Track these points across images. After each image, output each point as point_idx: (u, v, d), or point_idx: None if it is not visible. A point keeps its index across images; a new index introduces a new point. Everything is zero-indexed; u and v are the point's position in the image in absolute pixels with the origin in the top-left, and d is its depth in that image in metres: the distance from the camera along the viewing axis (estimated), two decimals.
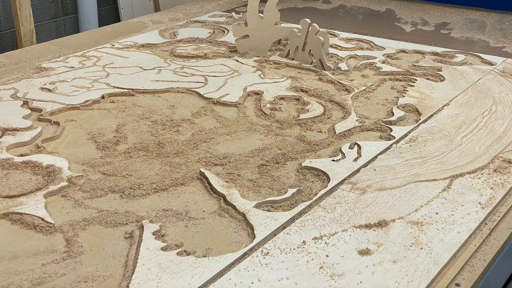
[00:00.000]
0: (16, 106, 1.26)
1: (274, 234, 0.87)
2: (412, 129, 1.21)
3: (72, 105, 1.28)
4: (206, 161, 1.07)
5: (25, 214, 0.90)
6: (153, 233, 0.86)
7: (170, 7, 2.26)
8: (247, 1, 1.58)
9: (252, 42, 1.61)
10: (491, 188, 1.00)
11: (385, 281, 0.78)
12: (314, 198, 0.96)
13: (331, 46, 1.69)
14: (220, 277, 0.78)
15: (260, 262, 0.81)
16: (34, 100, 1.29)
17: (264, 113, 1.27)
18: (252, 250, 0.84)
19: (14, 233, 0.87)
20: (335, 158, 1.09)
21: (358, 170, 1.05)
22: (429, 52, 1.67)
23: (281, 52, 1.62)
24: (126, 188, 0.98)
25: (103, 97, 1.33)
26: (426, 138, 1.17)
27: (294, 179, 1.02)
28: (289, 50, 1.59)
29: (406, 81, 1.46)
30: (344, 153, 1.10)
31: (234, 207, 0.93)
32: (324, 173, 1.03)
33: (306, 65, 1.54)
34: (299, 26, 1.55)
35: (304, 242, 0.85)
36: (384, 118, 1.26)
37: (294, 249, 0.84)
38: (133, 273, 0.78)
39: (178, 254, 0.82)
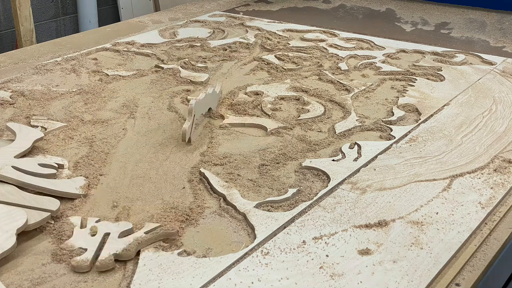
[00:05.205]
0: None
1: (274, 234, 0.87)
2: (412, 129, 1.21)
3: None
4: (206, 161, 1.07)
5: None
6: None
7: (170, 7, 2.26)
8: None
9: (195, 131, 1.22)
10: (491, 188, 1.00)
11: (385, 281, 0.78)
12: (314, 198, 0.96)
13: (331, 45, 1.69)
14: (220, 277, 0.78)
15: (260, 262, 0.81)
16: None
17: (266, 113, 1.27)
18: (252, 250, 0.84)
19: None
20: (335, 158, 1.09)
21: (358, 170, 1.05)
22: (429, 52, 1.67)
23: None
24: (125, 188, 0.98)
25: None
26: (426, 138, 1.17)
27: (294, 179, 1.02)
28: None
29: (406, 81, 1.46)
30: (344, 153, 1.10)
31: (234, 207, 0.93)
32: (324, 173, 1.03)
33: (306, 65, 1.54)
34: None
35: (304, 242, 0.85)
36: (384, 118, 1.26)
37: (294, 249, 0.84)
38: (133, 273, 0.78)
39: (179, 254, 0.82)
